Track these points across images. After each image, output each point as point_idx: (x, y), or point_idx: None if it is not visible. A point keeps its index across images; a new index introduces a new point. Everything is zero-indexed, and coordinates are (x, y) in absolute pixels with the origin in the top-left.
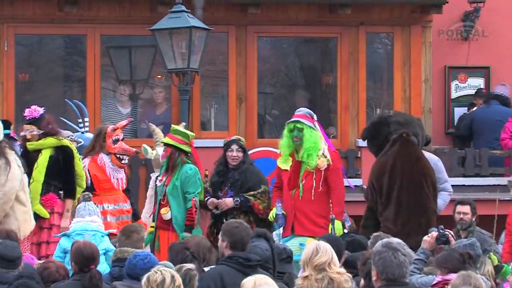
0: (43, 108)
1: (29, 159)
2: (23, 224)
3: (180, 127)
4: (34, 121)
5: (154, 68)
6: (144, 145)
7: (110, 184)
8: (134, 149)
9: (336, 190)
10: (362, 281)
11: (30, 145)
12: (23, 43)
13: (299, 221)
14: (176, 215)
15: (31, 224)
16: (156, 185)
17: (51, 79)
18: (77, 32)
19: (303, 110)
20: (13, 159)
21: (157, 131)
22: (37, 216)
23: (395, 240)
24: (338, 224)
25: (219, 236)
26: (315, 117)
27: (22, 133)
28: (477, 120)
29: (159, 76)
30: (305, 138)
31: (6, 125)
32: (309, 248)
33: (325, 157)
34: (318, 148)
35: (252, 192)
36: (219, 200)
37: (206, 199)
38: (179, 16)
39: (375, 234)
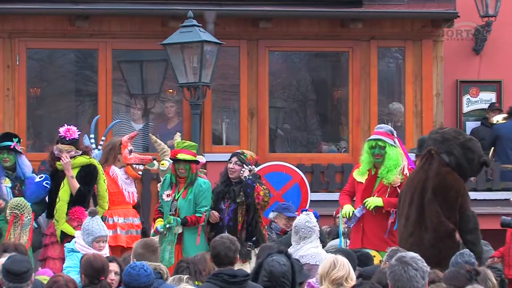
0: (77, 128)
1: (57, 178)
2: None
3: (183, 141)
4: (74, 142)
5: (165, 82)
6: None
7: (121, 197)
8: (149, 156)
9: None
10: None
11: (60, 165)
12: (34, 57)
13: (367, 236)
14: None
15: None
16: (163, 199)
17: (63, 94)
18: (88, 47)
19: (384, 128)
20: None
21: (159, 142)
22: (63, 235)
23: (410, 255)
24: (376, 199)
25: None
26: (395, 133)
27: (56, 152)
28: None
29: (171, 91)
30: (387, 156)
31: (9, 137)
32: (327, 262)
33: (401, 174)
34: (399, 165)
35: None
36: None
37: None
38: (191, 31)
39: (393, 248)
